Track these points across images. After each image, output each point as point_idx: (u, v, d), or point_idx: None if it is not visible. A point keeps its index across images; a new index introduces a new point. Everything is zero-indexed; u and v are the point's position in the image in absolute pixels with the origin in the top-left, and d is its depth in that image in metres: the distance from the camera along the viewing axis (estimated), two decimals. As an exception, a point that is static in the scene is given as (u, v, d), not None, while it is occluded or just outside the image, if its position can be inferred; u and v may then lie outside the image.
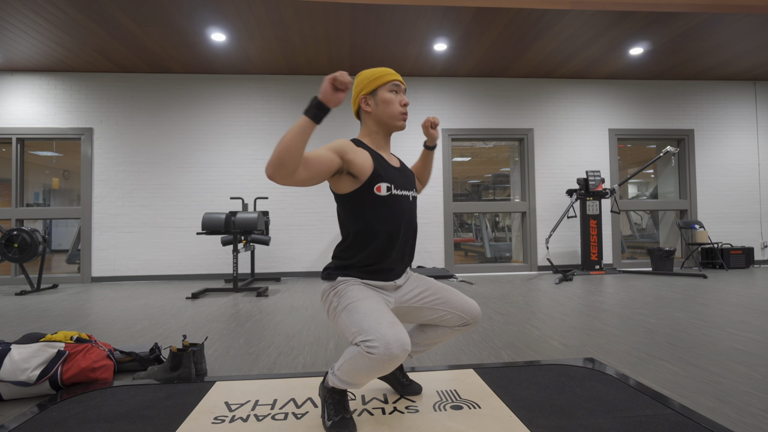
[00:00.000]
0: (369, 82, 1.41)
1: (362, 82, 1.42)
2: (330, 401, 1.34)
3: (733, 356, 2.04)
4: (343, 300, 1.31)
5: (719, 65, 5.57)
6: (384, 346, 1.14)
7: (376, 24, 4.32)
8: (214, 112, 5.58)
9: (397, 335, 1.16)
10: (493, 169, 7.77)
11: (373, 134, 1.44)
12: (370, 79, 1.41)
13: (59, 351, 1.74)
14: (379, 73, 1.41)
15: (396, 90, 1.42)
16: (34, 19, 4.08)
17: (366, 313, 1.24)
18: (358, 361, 1.19)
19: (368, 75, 1.42)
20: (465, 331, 1.52)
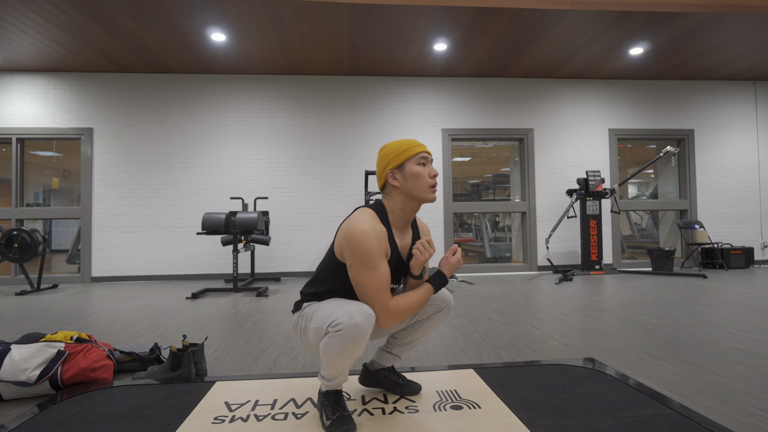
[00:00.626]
0: (396, 155, 1.36)
1: (388, 156, 1.38)
2: (326, 403, 1.36)
3: (733, 356, 2.04)
4: (308, 313, 1.36)
5: (719, 65, 5.57)
6: (348, 319, 1.19)
7: (376, 24, 4.32)
8: (214, 112, 5.58)
9: (358, 307, 1.23)
10: (493, 169, 7.78)
11: (398, 210, 1.38)
12: (397, 153, 1.36)
13: (59, 351, 1.74)
14: (405, 145, 1.37)
15: (424, 162, 1.37)
16: (34, 19, 4.08)
17: (328, 306, 1.29)
18: (330, 345, 1.22)
19: (395, 148, 1.37)
20: (443, 318, 1.54)
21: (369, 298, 1.28)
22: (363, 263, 1.26)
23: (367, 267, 1.26)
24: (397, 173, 1.36)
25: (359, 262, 1.26)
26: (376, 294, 1.27)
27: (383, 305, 1.28)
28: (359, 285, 1.28)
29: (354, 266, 1.27)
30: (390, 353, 1.59)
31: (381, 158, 1.40)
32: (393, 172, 1.37)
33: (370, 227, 1.27)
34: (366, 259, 1.25)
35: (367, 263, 1.26)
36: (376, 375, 1.62)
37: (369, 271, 1.26)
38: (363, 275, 1.26)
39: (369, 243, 1.25)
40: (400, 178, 1.36)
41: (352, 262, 1.27)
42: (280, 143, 5.62)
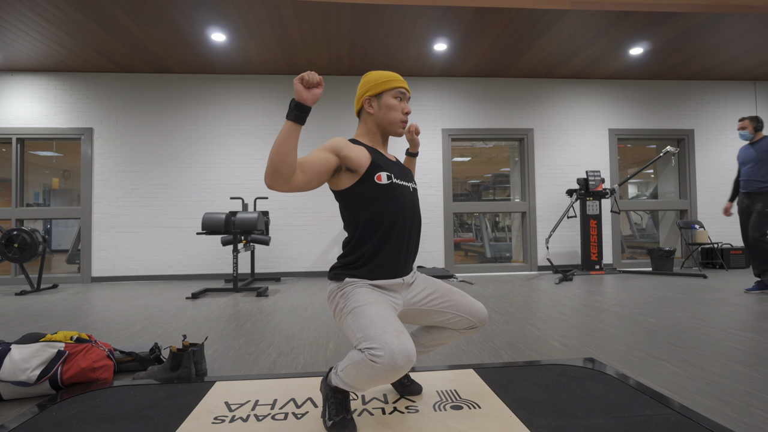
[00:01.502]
0: (375, 84, 1.42)
1: (368, 83, 1.43)
2: (332, 400, 1.33)
3: (733, 356, 2.04)
4: (350, 302, 1.30)
5: (719, 65, 5.57)
6: (389, 356, 1.11)
7: (376, 24, 4.32)
8: (214, 112, 5.58)
9: (403, 345, 1.13)
10: (493, 169, 7.77)
11: (371, 134, 1.46)
12: (377, 82, 1.42)
13: (59, 351, 1.74)
14: (386, 77, 1.42)
15: (401, 97, 1.43)
16: (34, 19, 4.08)
17: (372, 318, 1.21)
18: (362, 368, 1.17)
19: (375, 77, 1.43)
20: (471, 333, 1.52)
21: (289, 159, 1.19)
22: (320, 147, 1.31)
23: (319, 148, 1.31)
24: (374, 101, 1.43)
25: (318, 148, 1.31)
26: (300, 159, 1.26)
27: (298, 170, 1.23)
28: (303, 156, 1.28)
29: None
30: None
31: (362, 84, 1.45)
32: (370, 100, 1.43)
33: (339, 138, 1.35)
34: (324, 144, 1.32)
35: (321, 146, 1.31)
36: None
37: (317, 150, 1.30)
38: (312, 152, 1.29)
39: (336, 139, 1.34)
40: (375, 106, 1.43)
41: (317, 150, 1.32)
42: (280, 143, 5.62)
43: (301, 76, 1.20)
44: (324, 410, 1.36)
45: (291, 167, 1.17)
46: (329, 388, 1.35)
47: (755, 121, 3.86)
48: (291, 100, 1.20)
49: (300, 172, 1.22)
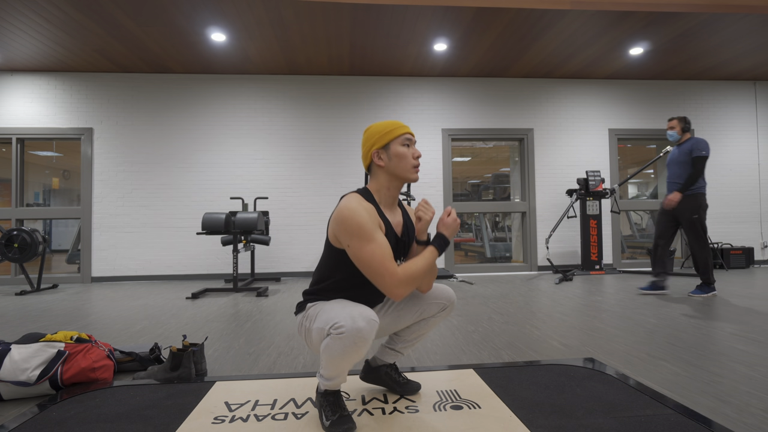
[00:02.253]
0: (380, 136, 1.40)
1: (373, 137, 1.41)
2: (325, 404, 1.36)
3: (733, 356, 2.04)
4: (312, 313, 1.36)
5: (719, 65, 5.57)
6: (350, 322, 1.20)
7: (376, 24, 4.32)
8: (214, 112, 5.58)
9: (362, 311, 1.22)
10: (493, 169, 7.77)
11: (384, 189, 1.42)
12: (382, 134, 1.40)
13: (59, 351, 1.74)
14: (389, 126, 1.40)
15: (408, 143, 1.41)
16: (34, 19, 4.08)
17: (333, 308, 1.29)
18: (331, 347, 1.23)
19: (379, 129, 1.41)
20: (446, 315, 1.56)
21: (375, 270, 1.26)
22: (360, 237, 1.26)
23: (365, 240, 1.26)
24: (383, 153, 1.40)
25: (356, 238, 1.27)
26: (381, 264, 1.26)
27: (392, 273, 1.26)
28: (363, 261, 1.27)
29: (352, 244, 1.28)
30: (393, 350, 1.60)
31: (366, 139, 1.43)
32: (378, 152, 1.40)
33: (357, 204, 1.30)
34: (362, 232, 1.26)
35: (363, 236, 1.26)
36: (378, 371, 1.62)
37: (367, 243, 1.26)
38: (363, 249, 1.26)
39: (360, 217, 1.27)
40: (385, 158, 1.40)
41: (350, 241, 1.28)
42: (280, 143, 5.62)
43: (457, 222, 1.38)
44: (320, 415, 1.37)
45: None
46: (320, 394, 1.39)
47: (683, 121, 3.71)
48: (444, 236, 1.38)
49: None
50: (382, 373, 1.62)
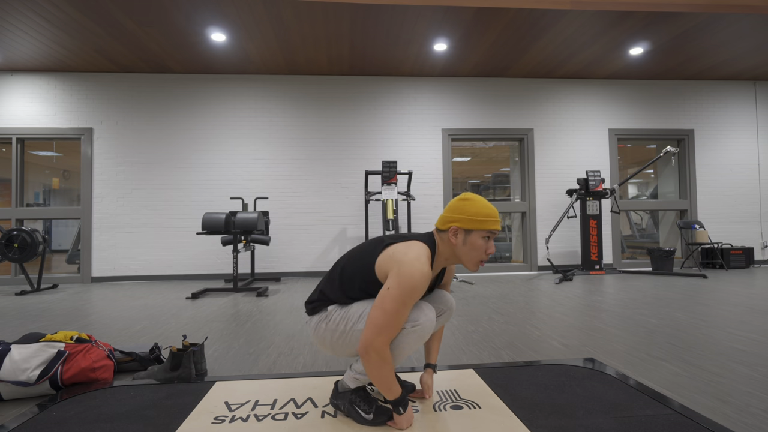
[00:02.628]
0: (470, 220, 1.33)
1: (463, 214, 1.34)
2: (358, 399, 1.38)
3: (733, 356, 2.04)
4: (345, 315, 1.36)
5: (719, 65, 5.57)
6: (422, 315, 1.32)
7: (376, 24, 4.32)
8: (214, 112, 5.58)
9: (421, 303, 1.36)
10: (493, 169, 7.77)
11: (442, 259, 1.40)
12: (473, 219, 1.33)
13: (59, 351, 1.74)
14: (484, 215, 1.33)
15: (489, 236, 1.35)
16: (34, 19, 4.08)
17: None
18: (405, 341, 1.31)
19: (473, 212, 1.33)
20: (444, 321, 1.54)
21: (378, 323, 1.24)
22: (404, 297, 1.24)
23: (403, 303, 1.24)
24: (461, 234, 1.35)
25: (400, 294, 1.24)
26: (387, 326, 1.24)
27: (381, 342, 1.24)
28: (384, 309, 1.24)
29: (392, 292, 1.25)
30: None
31: (455, 209, 1.36)
32: (457, 231, 1.35)
33: (427, 269, 1.27)
34: (410, 296, 1.24)
35: (407, 300, 1.25)
36: None
37: (402, 306, 1.24)
38: (394, 304, 1.24)
39: (420, 284, 1.25)
40: (460, 239, 1.35)
41: (395, 290, 1.25)
42: (280, 143, 5.62)
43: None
44: (354, 412, 1.37)
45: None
46: (349, 392, 1.40)
47: None
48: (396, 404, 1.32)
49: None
50: None
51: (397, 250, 1.31)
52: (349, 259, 1.41)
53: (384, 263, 1.31)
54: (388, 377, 1.27)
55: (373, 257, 1.35)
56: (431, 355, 1.58)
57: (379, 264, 1.32)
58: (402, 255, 1.29)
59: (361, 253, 1.39)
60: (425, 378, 1.56)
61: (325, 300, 1.40)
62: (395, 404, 1.31)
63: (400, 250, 1.31)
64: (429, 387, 1.55)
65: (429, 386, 1.55)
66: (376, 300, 1.26)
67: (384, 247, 1.36)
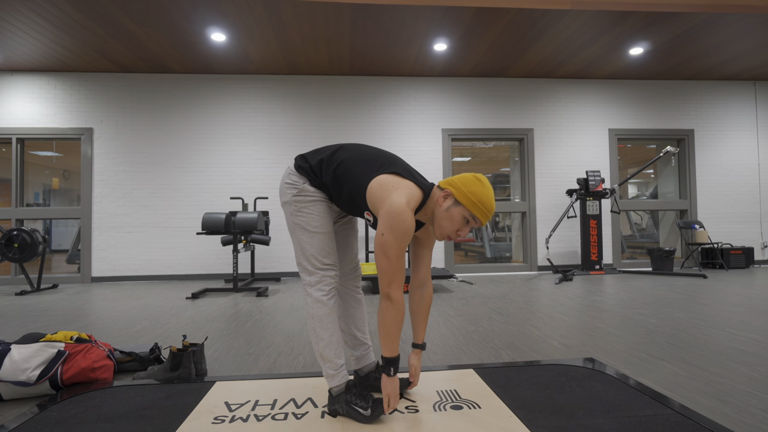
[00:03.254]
0: (466, 195, 1.34)
1: (465, 188, 1.35)
2: (353, 398, 1.40)
3: (733, 356, 2.04)
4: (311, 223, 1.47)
5: (719, 65, 5.57)
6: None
7: (376, 24, 4.32)
8: (214, 112, 5.58)
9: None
10: (493, 169, 7.77)
11: (424, 214, 1.43)
12: (469, 196, 1.34)
13: (59, 351, 1.74)
14: (479, 201, 1.34)
15: (469, 221, 1.37)
16: (34, 19, 4.08)
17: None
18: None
19: (475, 191, 1.34)
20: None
21: (388, 272, 1.31)
22: (399, 241, 1.30)
23: (400, 246, 1.30)
24: (450, 200, 1.37)
25: (395, 239, 1.30)
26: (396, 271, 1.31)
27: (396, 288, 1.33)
28: (388, 257, 1.30)
29: (388, 238, 1.30)
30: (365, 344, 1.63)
31: (462, 180, 1.37)
32: (449, 196, 1.37)
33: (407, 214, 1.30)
34: (404, 239, 1.30)
35: (402, 244, 1.31)
36: (367, 379, 1.62)
37: (400, 250, 1.31)
38: (394, 249, 1.30)
39: (409, 227, 1.30)
40: (446, 205, 1.37)
41: (389, 235, 1.29)
42: (280, 143, 5.62)
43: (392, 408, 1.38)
44: (354, 411, 1.38)
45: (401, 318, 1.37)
46: (344, 393, 1.42)
47: None
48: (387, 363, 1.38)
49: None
50: (371, 379, 1.62)
51: (389, 183, 1.35)
52: (351, 158, 1.43)
53: (375, 192, 1.35)
54: (396, 330, 1.34)
55: (370, 176, 1.38)
56: (418, 334, 1.58)
57: (371, 189, 1.36)
58: (389, 192, 1.33)
59: (361, 162, 1.41)
60: (413, 360, 1.56)
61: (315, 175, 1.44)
62: (388, 362, 1.36)
63: (391, 184, 1.34)
64: (416, 369, 1.55)
65: (416, 368, 1.55)
66: (376, 248, 1.32)
67: (384, 171, 1.39)
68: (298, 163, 1.47)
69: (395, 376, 1.38)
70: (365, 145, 1.52)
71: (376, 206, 1.34)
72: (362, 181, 1.38)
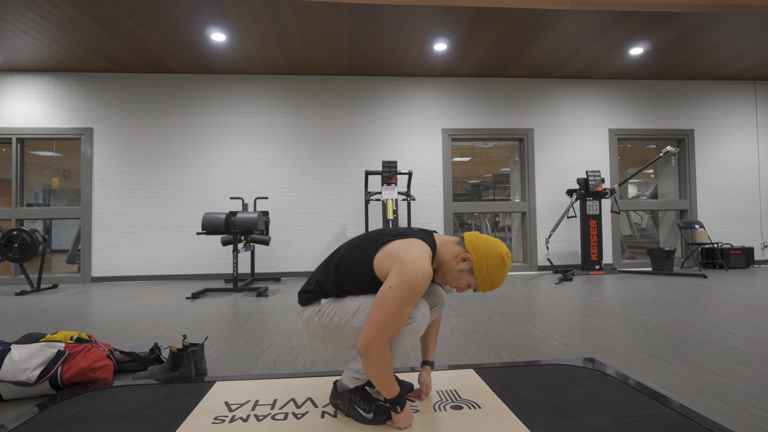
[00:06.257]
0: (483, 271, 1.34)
1: (484, 263, 1.34)
2: (357, 399, 1.38)
3: (733, 356, 2.04)
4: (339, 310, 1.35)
5: (719, 65, 5.57)
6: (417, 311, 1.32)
7: (376, 24, 4.32)
8: (214, 112, 5.58)
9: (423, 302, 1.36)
10: (493, 169, 7.77)
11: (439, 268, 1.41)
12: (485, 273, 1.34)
13: (59, 351, 1.74)
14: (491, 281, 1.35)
15: (470, 286, 1.39)
16: (34, 19, 4.08)
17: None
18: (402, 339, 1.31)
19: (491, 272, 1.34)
20: (436, 314, 1.54)
21: (379, 323, 1.23)
22: (405, 297, 1.23)
23: (404, 303, 1.23)
24: (465, 267, 1.36)
25: (402, 293, 1.23)
26: (387, 325, 1.23)
27: (381, 342, 1.23)
28: (385, 309, 1.23)
29: (394, 291, 1.23)
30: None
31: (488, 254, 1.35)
32: (467, 261, 1.36)
33: (429, 269, 1.26)
34: (412, 296, 1.24)
35: (408, 300, 1.24)
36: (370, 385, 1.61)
37: (403, 306, 1.24)
38: (396, 304, 1.23)
39: (423, 284, 1.25)
40: (460, 267, 1.37)
41: (397, 289, 1.23)
42: (280, 143, 5.62)
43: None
44: (355, 412, 1.37)
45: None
46: (349, 392, 1.39)
47: None
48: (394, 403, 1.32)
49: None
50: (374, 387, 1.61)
51: (399, 247, 1.30)
52: (347, 251, 1.39)
53: (384, 260, 1.30)
54: (387, 376, 1.27)
55: (372, 252, 1.33)
56: (428, 352, 1.58)
57: (378, 261, 1.31)
58: (404, 254, 1.27)
59: (359, 247, 1.37)
60: (423, 377, 1.55)
61: (319, 292, 1.39)
62: (393, 403, 1.31)
63: (401, 248, 1.29)
64: (427, 386, 1.54)
65: (427, 385, 1.54)
66: (377, 299, 1.25)
67: (384, 243, 1.34)
68: (301, 298, 1.43)
69: (404, 410, 1.33)
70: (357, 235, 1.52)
71: (388, 269, 1.29)
72: (368, 257, 1.33)
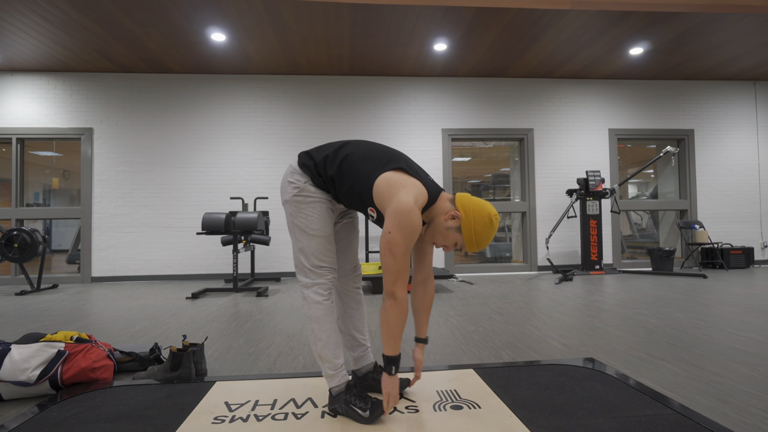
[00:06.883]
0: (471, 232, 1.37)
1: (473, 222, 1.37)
2: (353, 398, 1.40)
3: (733, 356, 2.04)
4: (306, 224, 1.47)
5: (719, 65, 5.57)
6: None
7: (376, 24, 4.32)
8: (214, 112, 5.58)
9: None
10: (493, 169, 7.77)
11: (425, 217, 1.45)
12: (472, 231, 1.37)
13: (59, 351, 1.74)
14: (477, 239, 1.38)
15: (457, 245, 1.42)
16: (34, 19, 4.08)
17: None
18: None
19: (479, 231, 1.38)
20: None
21: (393, 270, 1.30)
22: (406, 240, 1.29)
23: (407, 245, 1.30)
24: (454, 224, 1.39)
25: (402, 237, 1.29)
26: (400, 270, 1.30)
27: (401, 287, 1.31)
28: (394, 255, 1.29)
29: (395, 236, 1.29)
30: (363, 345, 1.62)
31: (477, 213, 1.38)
32: (456, 219, 1.39)
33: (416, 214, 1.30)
34: (411, 237, 1.30)
35: (409, 242, 1.30)
36: (365, 379, 1.62)
37: (406, 248, 1.30)
38: (400, 248, 1.29)
39: (417, 225, 1.30)
40: (449, 224, 1.40)
41: (396, 233, 1.29)
42: (280, 143, 5.62)
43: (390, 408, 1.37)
44: (352, 412, 1.38)
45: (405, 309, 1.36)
46: (344, 393, 1.41)
47: None
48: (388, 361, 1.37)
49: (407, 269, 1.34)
50: (369, 379, 1.62)
51: (397, 181, 1.34)
52: (358, 153, 1.42)
53: (382, 188, 1.34)
54: (399, 329, 1.34)
55: (375, 174, 1.37)
56: (421, 329, 1.58)
57: (378, 186, 1.35)
58: (397, 189, 1.32)
59: (368, 157, 1.40)
60: (417, 354, 1.55)
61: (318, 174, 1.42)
62: (390, 361, 1.35)
63: (398, 182, 1.34)
64: (420, 363, 1.55)
65: (421, 362, 1.55)
66: (383, 247, 1.31)
67: (390, 168, 1.38)
68: (302, 160, 1.45)
69: (396, 375, 1.38)
70: (370, 141, 1.52)
71: (383, 203, 1.34)
72: (369, 176, 1.37)
